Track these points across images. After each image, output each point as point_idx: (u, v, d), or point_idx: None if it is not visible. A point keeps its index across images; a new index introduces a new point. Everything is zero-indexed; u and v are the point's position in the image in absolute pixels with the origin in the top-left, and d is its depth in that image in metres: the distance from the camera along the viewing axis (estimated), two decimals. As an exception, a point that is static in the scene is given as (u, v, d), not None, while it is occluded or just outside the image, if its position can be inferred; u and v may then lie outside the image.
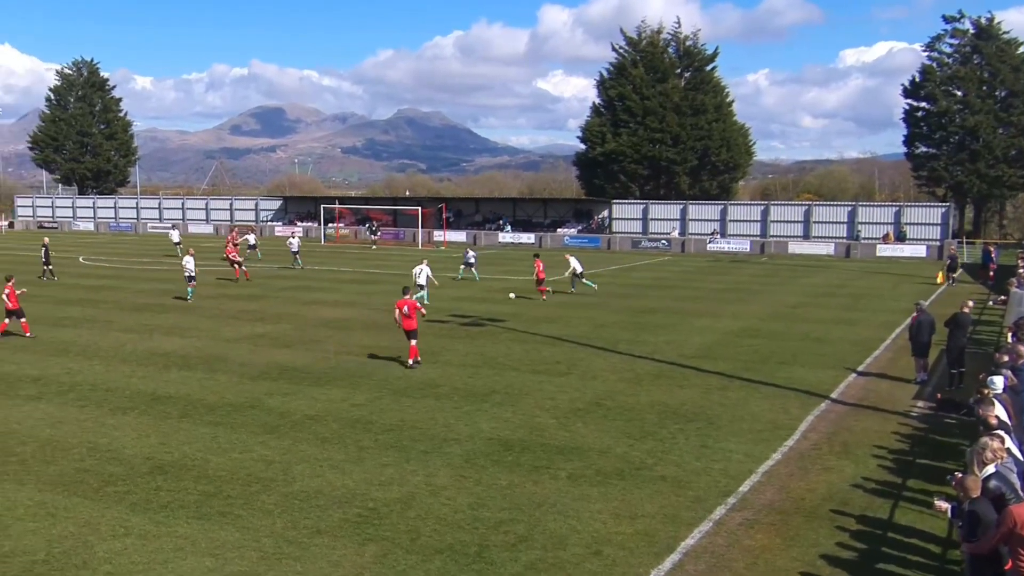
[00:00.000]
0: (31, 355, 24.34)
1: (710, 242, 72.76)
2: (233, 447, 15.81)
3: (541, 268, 37.92)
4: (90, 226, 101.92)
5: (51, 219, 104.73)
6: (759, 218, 74.87)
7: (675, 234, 75.74)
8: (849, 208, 73.46)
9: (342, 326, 29.72)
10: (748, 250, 71.16)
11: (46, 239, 48.87)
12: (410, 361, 22.90)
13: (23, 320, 27.27)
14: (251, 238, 57.94)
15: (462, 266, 46.15)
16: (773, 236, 72.91)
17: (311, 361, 23.73)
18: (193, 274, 36.14)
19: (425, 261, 37.35)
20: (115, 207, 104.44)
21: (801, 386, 21.12)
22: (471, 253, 46.88)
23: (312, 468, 14.65)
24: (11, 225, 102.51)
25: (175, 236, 61.44)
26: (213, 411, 18.37)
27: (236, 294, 38.24)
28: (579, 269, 39.84)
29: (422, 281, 35.81)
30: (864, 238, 69.52)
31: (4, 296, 27.18)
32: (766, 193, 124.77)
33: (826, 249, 69.00)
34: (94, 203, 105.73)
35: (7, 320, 27.24)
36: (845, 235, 71.05)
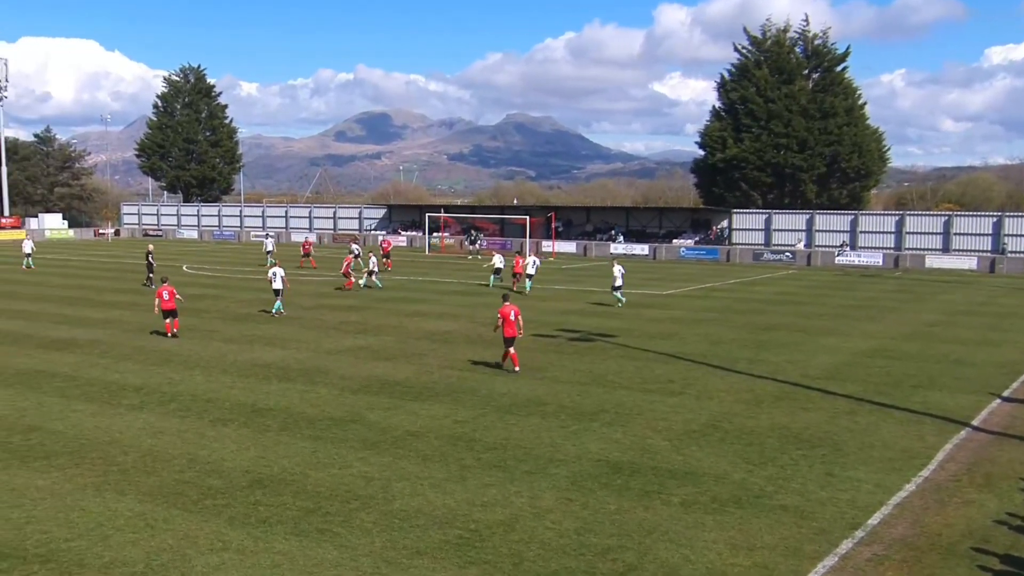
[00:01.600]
0: (135, 364, 25.32)
1: (839, 255, 71.09)
2: (333, 462, 16.12)
3: (519, 264, 45.21)
4: (194, 234, 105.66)
5: (156, 227, 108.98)
6: (893, 229, 72.87)
7: (800, 246, 74.27)
8: (994, 219, 70.86)
9: (445, 339, 30.05)
10: (880, 264, 69.26)
11: (150, 247, 50.84)
12: (516, 368, 24.21)
13: (175, 320, 30.43)
14: (355, 247, 59.05)
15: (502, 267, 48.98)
16: (908, 249, 70.84)
17: (413, 375, 24.05)
18: (279, 288, 35.50)
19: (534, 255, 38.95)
20: (219, 215, 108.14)
21: (938, 412, 20.41)
22: (535, 260, 47.58)
23: (412, 486, 14.82)
24: (117, 233, 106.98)
25: (269, 244, 63.12)
26: (313, 424, 18.78)
27: (336, 304, 39.05)
28: (618, 282, 39.60)
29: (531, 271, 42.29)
30: (1011, 252, 66.92)
31: (163, 296, 30.05)
32: (901, 202, 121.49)
33: (968, 263, 66.65)
34: (198, 211, 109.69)
35: (167, 321, 30.14)
36: (989, 248, 68.60)
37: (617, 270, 39.80)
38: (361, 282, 45.64)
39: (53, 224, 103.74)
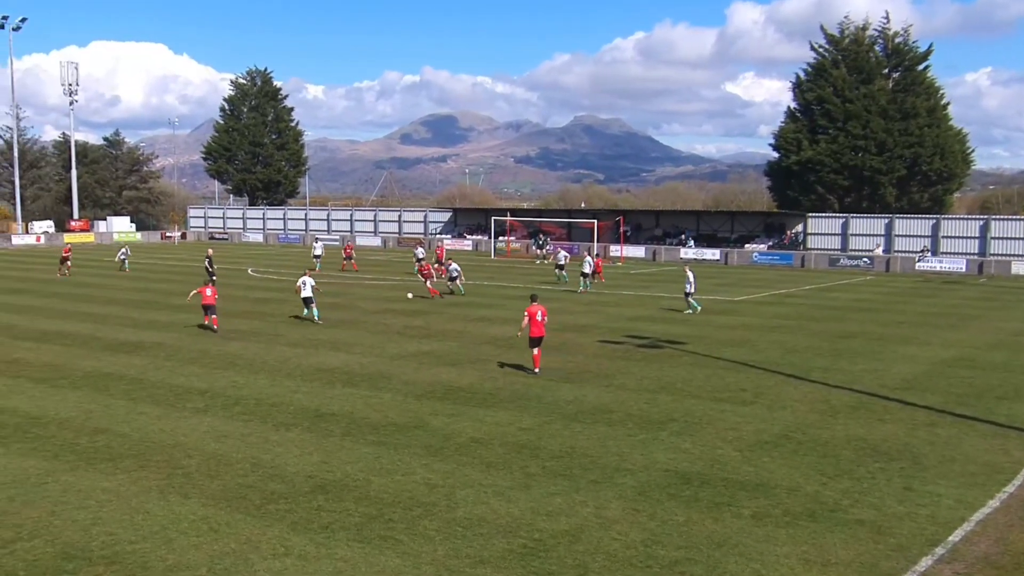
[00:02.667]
0: (200, 367, 25.79)
1: (919, 260, 69.75)
2: (396, 468, 16.24)
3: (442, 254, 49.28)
4: (259, 237, 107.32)
5: (222, 230, 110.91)
6: (977, 234, 71.32)
7: (879, 251, 73.04)
8: (1086, 223, 68.94)
9: (510, 344, 30.08)
10: (963, 270, 67.77)
11: (210, 250, 51.68)
12: (536, 369, 24.82)
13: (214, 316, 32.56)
14: (420, 251, 59.46)
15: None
16: (994, 255, 69.27)
17: (477, 380, 24.13)
18: (309, 296, 34.90)
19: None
20: (284, 218, 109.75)
21: (1025, 425, 19.92)
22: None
23: (476, 494, 14.86)
24: (184, 236, 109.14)
25: (318, 248, 63.70)
26: (376, 430, 18.94)
27: (401, 309, 39.36)
28: (690, 289, 39.34)
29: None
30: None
31: (206, 293, 32.38)
32: (986, 206, 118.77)
33: (1058, 270, 64.92)
34: (264, 214, 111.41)
35: (207, 316, 32.58)
36: (1080, 254, 66.67)
37: (690, 275, 39.70)
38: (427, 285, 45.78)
39: (121, 227, 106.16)
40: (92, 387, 23.04)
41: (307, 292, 34.90)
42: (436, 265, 57.72)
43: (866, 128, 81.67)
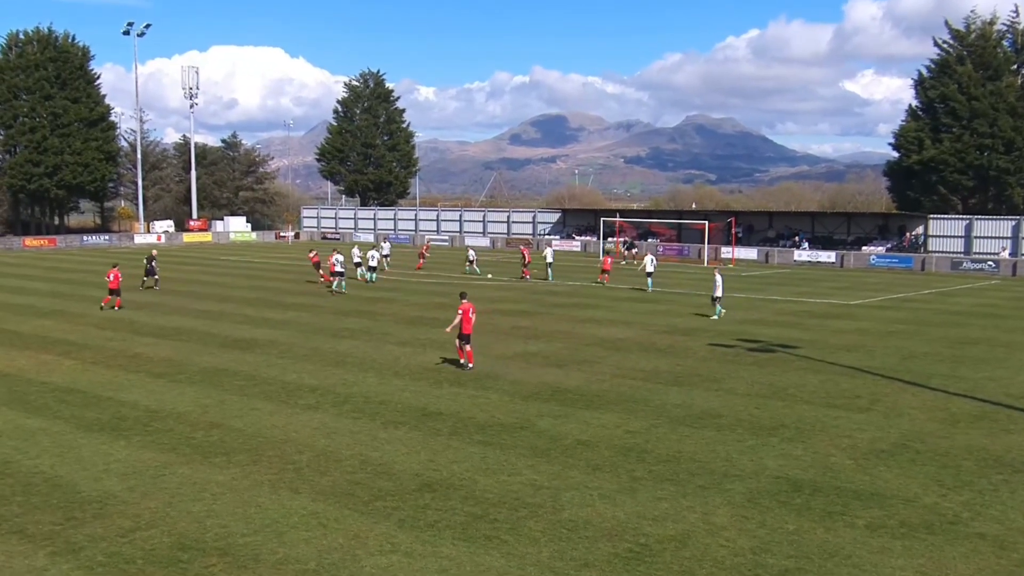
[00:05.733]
0: (311, 365, 26.37)
1: (1049, 264, 67.00)
2: (502, 469, 16.33)
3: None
4: (370, 237, 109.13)
5: (334, 230, 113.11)
6: (1112, 237, 68.17)
7: (1005, 254, 70.43)
8: None
9: (618, 347, 29.96)
10: (1097, 275, 64.90)
11: (154, 251, 51.54)
12: (470, 364, 25.51)
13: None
14: (385, 247, 60.09)
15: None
16: None
17: (584, 382, 24.10)
18: (341, 270, 45.24)
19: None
20: (394, 218, 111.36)
21: None
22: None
23: (582, 496, 14.85)
24: (297, 236, 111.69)
25: (386, 248, 63.09)
26: (483, 430, 19.08)
27: (509, 309, 39.54)
28: (717, 292, 37.46)
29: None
30: None
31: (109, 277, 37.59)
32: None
33: None
34: (375, 214, 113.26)
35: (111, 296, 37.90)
36: None
37: (718, 278, 37.84)
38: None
39: (237, 227, 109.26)
40: (208, 383, 23.77)
41: (340, 268, 44.89)
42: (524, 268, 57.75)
43: (993, 126, 78.84)
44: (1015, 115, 78.56)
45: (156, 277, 47.58)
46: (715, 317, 37.21)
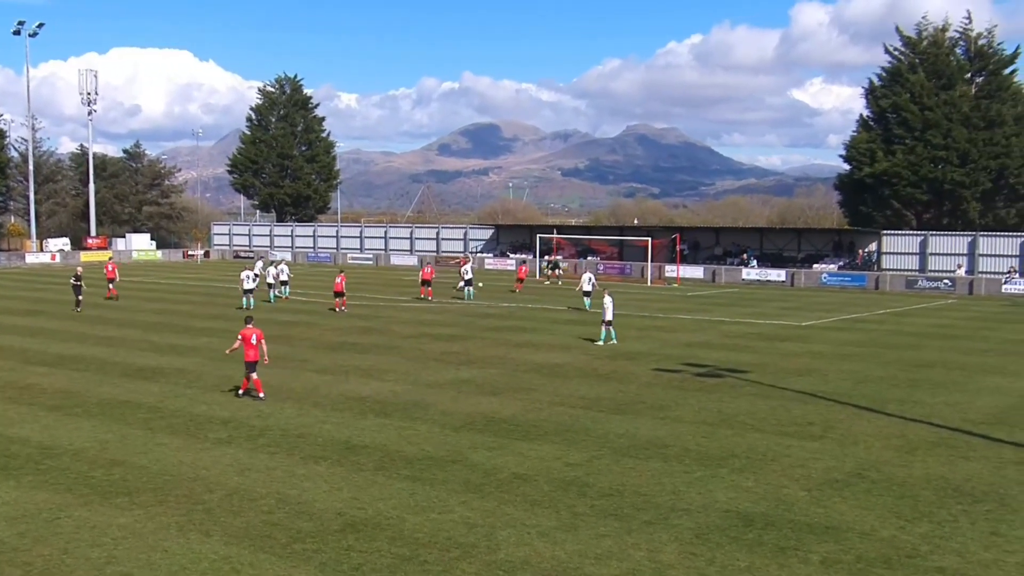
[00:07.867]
0: (222, 395, 26.02)
1: (1006, 282, 68.81)
2: (432, 506, 16.24)
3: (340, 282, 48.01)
4: (287, 256, 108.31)
5: (247, 248, 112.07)
6: (1071, 254, 70.23)
7: (961, 272, 72.17)
8: None
9: (557, 372, 30.05)
10: (1056, 293, 66.77)
11: (79, 268, 50.28)
12: (261, 394, 25.18)
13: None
14: (466, 269, 58.16)
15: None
16: (1089, 276, 68.09)
17: (520, 411, 24.11)
18: (250, 288, 48.09)
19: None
20: (314, 235, 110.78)
21: (1125, 464, 19.51)
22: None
23: (519, 535, 14.82)
24: (207, 254, 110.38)
25: (262, 267, 60.10)
26: (411, 464, 18.96)
27: (438, 334, 39.47)
28: (608, 316, 36.99)
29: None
30: None
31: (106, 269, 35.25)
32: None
33: None
34: (292, 231, 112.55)
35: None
36: None
37: (608, 301, 37.32)
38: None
39: (140, 245, 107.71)
40: (108, 416, 23.31)
41: (249, 284, 47.43)
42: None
43: (947, 138, 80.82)
44: (969, 126, 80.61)
45: (80, 298, 48.44)
46: (600, 343, 36.63)
